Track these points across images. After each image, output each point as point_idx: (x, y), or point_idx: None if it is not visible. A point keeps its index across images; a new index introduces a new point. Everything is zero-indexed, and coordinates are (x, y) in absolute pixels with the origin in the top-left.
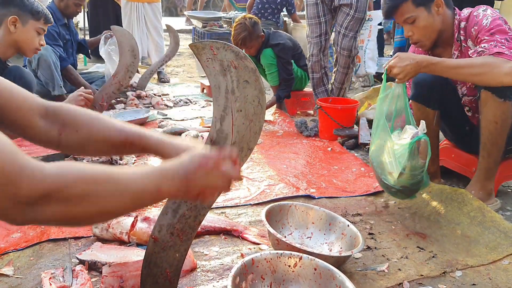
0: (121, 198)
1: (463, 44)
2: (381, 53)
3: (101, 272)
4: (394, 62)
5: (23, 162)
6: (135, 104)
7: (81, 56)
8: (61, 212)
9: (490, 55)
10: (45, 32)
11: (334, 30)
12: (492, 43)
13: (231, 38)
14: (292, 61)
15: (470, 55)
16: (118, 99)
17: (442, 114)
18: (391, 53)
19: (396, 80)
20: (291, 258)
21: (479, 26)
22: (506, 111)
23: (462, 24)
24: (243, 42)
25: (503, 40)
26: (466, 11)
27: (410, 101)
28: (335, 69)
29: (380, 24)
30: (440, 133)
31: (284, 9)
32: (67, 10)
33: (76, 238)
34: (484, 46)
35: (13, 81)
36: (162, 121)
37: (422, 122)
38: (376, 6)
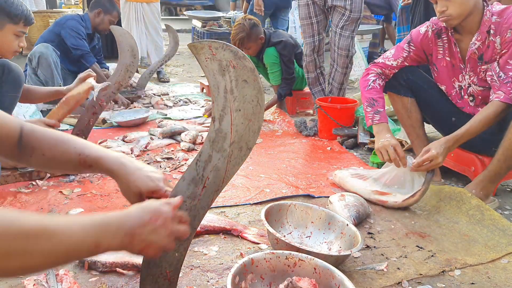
0: (52, 253)
1: (491, 37)
2: None
3: (100, 272)
4: (431, 156)
5: None
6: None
7: None
8: None
9: (501, 101)
10: (26, 34)
11: (330, 30)
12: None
13: (230, 38)
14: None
15: (489, 69)
16: (133, 94)
17: (420, 103)
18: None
19: (428, 165)
20: (290, 257)
21: None
22: None
23: (494, 18)
24: (241, 43)
25: None
26: (497, 6)
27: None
28: (332, 69)
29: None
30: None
31: None
32: (100, 26)
33: None
34: (506, 78)
35: (2, 75)
36: (162, 120)
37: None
38: None
